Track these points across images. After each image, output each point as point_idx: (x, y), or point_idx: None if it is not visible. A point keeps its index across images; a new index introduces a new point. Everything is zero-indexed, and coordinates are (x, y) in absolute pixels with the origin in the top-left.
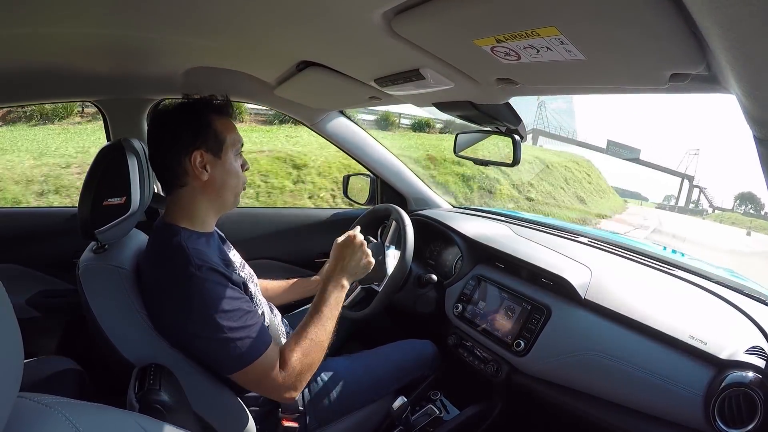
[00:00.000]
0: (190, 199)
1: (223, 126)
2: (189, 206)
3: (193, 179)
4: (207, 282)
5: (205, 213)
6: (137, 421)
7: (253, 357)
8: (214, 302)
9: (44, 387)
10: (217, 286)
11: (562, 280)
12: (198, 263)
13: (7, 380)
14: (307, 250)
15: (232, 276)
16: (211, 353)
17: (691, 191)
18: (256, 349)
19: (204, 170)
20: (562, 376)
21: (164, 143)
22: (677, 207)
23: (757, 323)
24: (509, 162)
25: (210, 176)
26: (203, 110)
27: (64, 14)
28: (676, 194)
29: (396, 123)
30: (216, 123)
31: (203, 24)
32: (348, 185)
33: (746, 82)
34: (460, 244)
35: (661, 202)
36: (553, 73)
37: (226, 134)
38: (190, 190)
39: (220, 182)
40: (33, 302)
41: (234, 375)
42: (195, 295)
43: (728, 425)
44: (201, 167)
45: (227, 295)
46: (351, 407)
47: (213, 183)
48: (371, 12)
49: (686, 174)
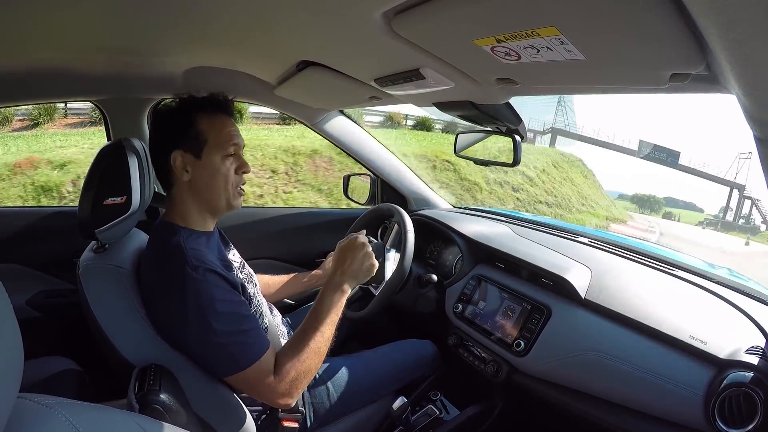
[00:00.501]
0: (179, 199)
1: (208, 126)
2: (180, 206)
3: (177, 179)
4: (203, 283)
5: (197, 213)
6: (137, 422)
7: (247, 362)
8: (210, 304)
9: (44, 387)
10: (213, 287)
11: (563, 280)
12: (195, 263)
13: (7, 380)
14: (307, 250)
15: (230, 277)
16: (206, 356)
17: (741, 203)
18: (252, 354)
19: (185, 171)
20: (562, 376)
21: (153, 142)
22: (721, 222)
23: (757, 323)
24: (509, 162)
25: (191, 177)
26: (189, 110)
27: (63, 14)
28: (723, 206)
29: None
30: (201, 123)
31: (203, 24)
32: (348, 185)
33: (746, 82)
34: (460, 244)
35: (716, 215)
36: (554, 73)
37: (209, 134)
38: (177, 190)
39: (202, 183)
40: (33, 302)
41: (229, 379)
42: (190, 296)
43: (728, 425)
44: (181, 168)
45: (223, 297)
46: (351, 407)
47: (195, 184)
48: (371, 12)
49: (735, 182)
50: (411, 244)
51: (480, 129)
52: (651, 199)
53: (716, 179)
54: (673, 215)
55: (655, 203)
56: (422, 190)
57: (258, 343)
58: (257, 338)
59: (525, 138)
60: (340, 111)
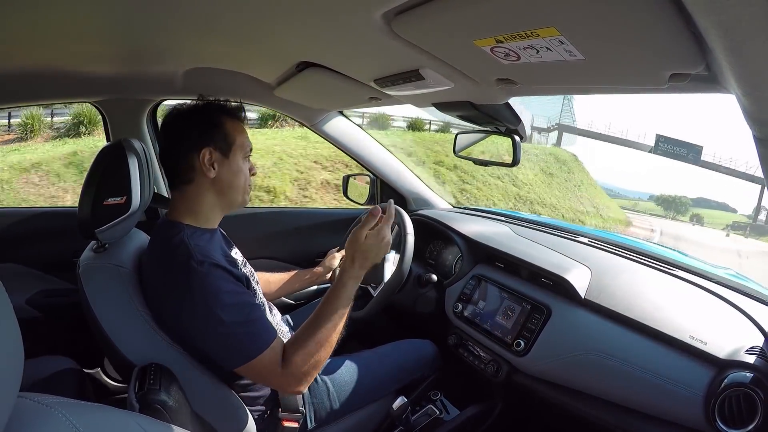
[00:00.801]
0: (195, 195)
1: (233, 128)
2: (194, 202)
3: (201, 176)
4: (208, 276)
5: (210, 209)
6: (137, 421)
7: (257, 351)
8: (217, 297)
9: (44, 387)
10: (219, 280)
11: (562, 279)
12: (200, 258)
13: (8, 380)
14: (307, 250)
15: (234, 271)
16: (215, 348)
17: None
18: (262, 342)
19: (212, 167)
20: (562, 376)
21: (175, 139)
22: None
23: (757, 323)
24: (509, 162)
25: (217, 174)
26: (216, 111)
27: (63, 15)
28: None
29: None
30: (227, 124)
31: (203, 24)
32: (348, 185)
33: (746, 82)
34: (460, 243)
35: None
36: (553, 74)
37: (236, 136)
38: (196, 186)
39: (226, 181)
40: (33, 302)
41: (239, 369)
42: (197, 290)
43: (728, 425)
44: (209, 164)
45: (230, 289)
46: (351, 407)
47: (220, 181)
48: (371, 12)
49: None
50: (410, 245)
51: (479, 129)
52: (678, 201)
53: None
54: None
55: (681, 204)
56: (422, 191)
57: (266, 332)
58: (265, 327)
59: (524, 138)
60: (340, 112)
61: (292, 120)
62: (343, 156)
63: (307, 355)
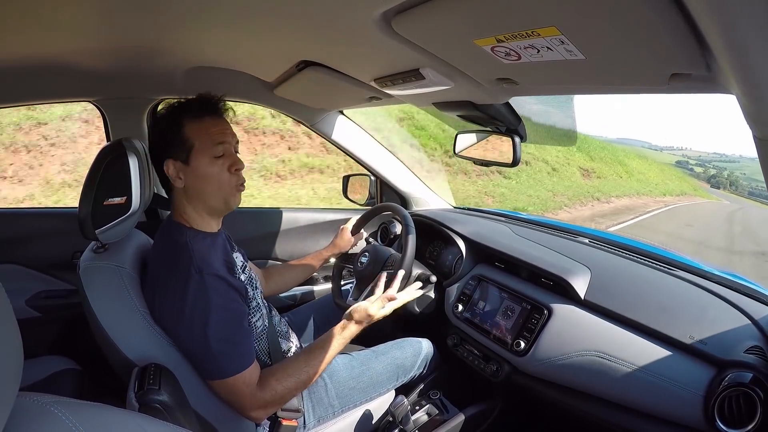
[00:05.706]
0: (179, 204)
1: (191, 131)
2: (181, 209)
3: (175, 186)
4: (204, 287)
5: (198, 216)
6: (137, 421)
7: (230, 372)
8: (205, 309)
9: (44, 387)
10: (214, 293)
11: (562, 280)
12: (200, 266)
13: (7, 380)
14: (307, 250)
15: (233, 282)
16: (193, 355)
17: None
18: (237, 365)
19: (178, 178)
20: (562, 376)
21: (150, 151)
22: None
23: (757, 323)
24: (509, 162)
25: (185, 183)
26: (176, 116)
27: (62, 13)
28: None
29: None
30: (187, 128)
31: (203, 24)
32: (348, 185)
33: (746, 82)
34: (460, 244)
35: None
36: (554, 73)
37: (194, 139)
38: (176, 194)
39: (195, 189)
40: (33, 302)
41: (209, 381)
42: (189, 296)
43: (728, 425)
44: (175, 176)
45: (221, 304)
46: (350, 405)
47: (189, 189)
48: (371, 12)
49: None
50: (412, 245)
51: (479, 129)
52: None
53: None
54: None
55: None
56: (421, 191)
57: (243, 357)
58: (245, 351)
59: (524, 138)
60: (340, 111)
61: None
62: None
63: (286, 389)
